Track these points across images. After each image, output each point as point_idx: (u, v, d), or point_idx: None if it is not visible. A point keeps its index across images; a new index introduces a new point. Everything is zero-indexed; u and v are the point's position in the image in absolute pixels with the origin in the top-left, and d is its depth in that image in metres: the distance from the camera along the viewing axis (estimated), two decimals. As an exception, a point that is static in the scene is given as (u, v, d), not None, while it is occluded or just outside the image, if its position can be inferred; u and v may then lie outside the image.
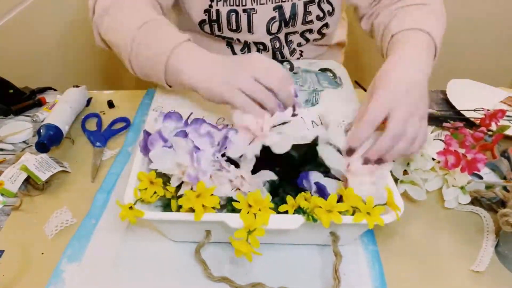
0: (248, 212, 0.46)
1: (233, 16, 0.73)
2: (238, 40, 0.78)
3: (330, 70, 0.75)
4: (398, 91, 0.51)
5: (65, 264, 0.52)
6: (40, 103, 0.82)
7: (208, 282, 0.50)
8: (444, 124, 0.69)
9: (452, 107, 0.78)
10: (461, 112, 0.74)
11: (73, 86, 0.81)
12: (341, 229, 0.50)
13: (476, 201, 0.60)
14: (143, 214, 0.47)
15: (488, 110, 0.67)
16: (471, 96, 0.76)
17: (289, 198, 0.49)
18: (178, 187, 0.51)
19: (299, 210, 0.48)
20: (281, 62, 0.80)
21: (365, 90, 0.70)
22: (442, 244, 0.55)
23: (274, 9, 0.73)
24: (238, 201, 0.47)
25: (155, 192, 0.50)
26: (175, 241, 0.55)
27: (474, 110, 0.70)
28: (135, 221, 0.47)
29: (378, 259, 0.52)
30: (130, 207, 0.47)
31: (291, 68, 0.78)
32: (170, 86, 0.61)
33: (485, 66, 1.33)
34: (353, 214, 0.47)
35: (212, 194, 0.47)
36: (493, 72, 1.33)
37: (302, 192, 0.49)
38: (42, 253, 0.53)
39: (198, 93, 0.56)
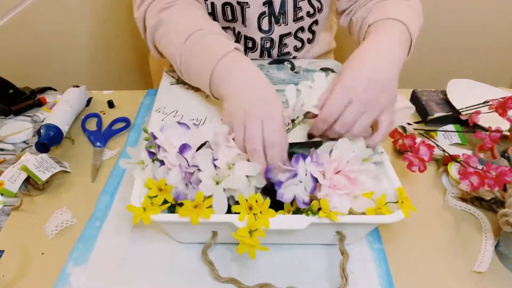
0: (248, 214, 0.46)
1: (228, 9, 0.73)
2: (233, 29, 0.78)
3: (331, 70, 0.75)
4: (356, 88, 0.50)
5: (72, 267, 0.51)
6: (40, 103, 0.82)
7: (216, 283, 0.49)
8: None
9: (452, 107, 0.78)
10: (461, 111, 0.74)
11: (73, 86, 0.81)
12: (347, 228, 0.50)
13: (475, 201, 0.61)
14: (159, 211, 0.46)
15: (496, 99, 0.65)
16: (471, 96, 0.75)
17: (286, 204, 0.49)
18: None
19: (297, 212, 0.48)
20: (282, 61, 0.80)
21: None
22: (443, 244, 0.55)
23: (263, 4, 0.73)
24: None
25: (165, 200, 0.49)
26: (181, 242, 0.55)
27: (474, 112, 0.70)
28: (150, 220, 0.46)
29: (384, 258, 0.53)
30: (144, 209, 0.46)
31: (292, 68, 0.78)
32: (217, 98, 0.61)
33: (485, 66, 1.33)
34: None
35: (208, 207, 0.47)
36: (493, 72, 1.33)
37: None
38: (42, 253, 0.53)
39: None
